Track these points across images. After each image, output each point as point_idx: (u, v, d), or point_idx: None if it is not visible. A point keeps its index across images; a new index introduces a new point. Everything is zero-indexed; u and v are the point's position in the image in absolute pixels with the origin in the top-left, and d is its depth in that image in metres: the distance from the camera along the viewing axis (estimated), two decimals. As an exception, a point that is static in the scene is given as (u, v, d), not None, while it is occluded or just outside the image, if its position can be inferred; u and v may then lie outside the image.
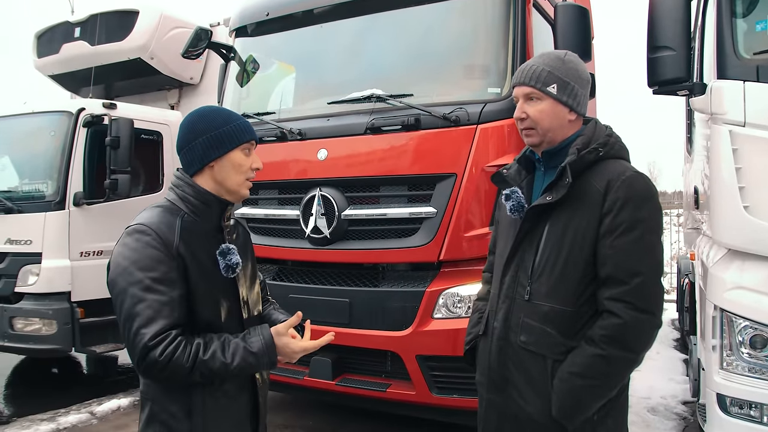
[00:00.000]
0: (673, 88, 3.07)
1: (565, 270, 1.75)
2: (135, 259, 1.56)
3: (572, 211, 1.75)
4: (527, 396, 1.80)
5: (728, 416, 2.83)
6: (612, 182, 1.71)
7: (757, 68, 2.77)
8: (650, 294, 1.69)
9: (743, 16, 2.92)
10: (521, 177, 1.95)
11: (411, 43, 3.88)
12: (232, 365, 1.59)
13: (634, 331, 1.67)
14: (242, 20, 4.48)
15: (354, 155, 3.70)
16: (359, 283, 3.71)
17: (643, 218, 1.70)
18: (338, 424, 4.44)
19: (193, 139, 1.69)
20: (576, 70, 1.83)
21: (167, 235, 1.60)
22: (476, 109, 3.41)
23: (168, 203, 1.71)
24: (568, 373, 1.71)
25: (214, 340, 1.61)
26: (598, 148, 1.77)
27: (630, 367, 1.73)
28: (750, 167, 2.75)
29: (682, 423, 4.43)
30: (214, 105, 1.82)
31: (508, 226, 1.95)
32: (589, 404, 1.71)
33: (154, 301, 1.53)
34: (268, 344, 1.65)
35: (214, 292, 1.68)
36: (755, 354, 2.79)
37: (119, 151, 5.34)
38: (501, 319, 1.88)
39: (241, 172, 1.73)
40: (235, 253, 1.69)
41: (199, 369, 1.55)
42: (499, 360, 1.87)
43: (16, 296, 5.43)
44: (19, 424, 4.59)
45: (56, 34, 6.81)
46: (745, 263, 2.86)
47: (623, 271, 1.68)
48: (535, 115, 1.81)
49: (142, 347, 1.50)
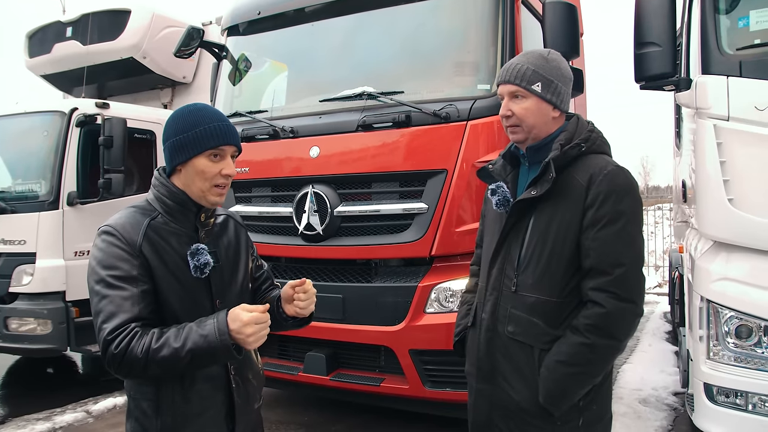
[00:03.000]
0: (660, 84, 3.13)
1: (550, 262, 1.80)
2: (100, 259, 1.60)
3: (556, 204, 1.80)
4: (515, 385, 1.85)
5: (715, 405, 2.88)
6: (594, 176, 1.76)
7: (740, 63, 2.82)
8: (632, 284, 1.74)
9: (726, 12, 2.97)
10: (506, 172, 2.00)
11: (401, 40, 3.91)
12: (182, 351, 1.50)
13: (616, 320, 1.72)
14: (234, 19, 4.50)
15: (346, 152, 3.73)
16: (352, 279, 3.74)
17: (625, 211, 1.75)
18: (333, 419, 4.47)
19: (165, 141, 1.70)
20: (559, 69, 1.87)
21: (131, 234, 1.61)
22: (466, 105, 3.45)
23: (145, 203, 1.73)
24: (555, 361, 1.76)
25: (171, 329, 1.56)
26: (581, 143, 1.82)
27: (613, 354, 1.79)
28: (734, 160, 2.80)
29: (672, 414, 4.49)
30: (199, 104, 1.78)
31: (495, 220, 1.99)
32: (575, 391, 1.76)
33: (115, 296, 1.56)
34: (220, 325, 1.52)
35: (184, 289, 1.66)
36: (741, 344, 2.84)
37: (112, 150, 5.35)
38: (489, 311, 1.92)
39: (205, 179, 1.67)
40: (204, 253, 1.67)
41: (153, 359, 1.50)
42: (487, 350, 1.92)
43: (10, 296, 5.44)
44: (15, 423, 4.59)
45: (48, 33, 6.80)
46: (730, 255, 2.91)
47: (606, 262, 1.73)
48: (521, 113, 1.85)
49: (102, 342, 1.54)
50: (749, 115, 2.75)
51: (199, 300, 1.70)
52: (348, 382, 3.69)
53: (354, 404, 4.39)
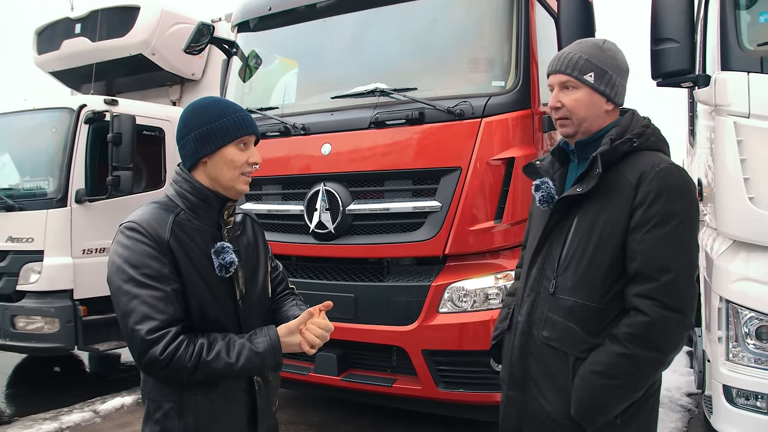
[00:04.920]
0: (677, 80, 3.08)
1: (591, 263, 1.69)
2: (126, 257, 1.55)
3: (602, 203, 1.69)
4: (547, 394, 1.75)
5: (735, 407, 2.84)
6: (645, 174, 1.64)
7: (761, 59, 2.78)
8: (681, 292, 1.61)
9: (746, 7, 2.93)
10: (554, 169, 1.90)
11: (414, 36, 3.87)
12: (236, 366, 1.56)
13: (661, 331, 1.60)
14: (244, 15, 4.47)
15: (358, 150, 3.69)
16: (364, 278, 3.71)
17: (677, 212, 1.62)
18: (343, 419, 4.44)
19: (187, 134, 1.66)
20: (614, 59, 1.77)
21: (158, 231, 1.57)
22: (480, 102, 3.40)
23: (166, 199, 1.69)
24: (590, 371, 1.65)
25: (218, 340, 1.58)
26: (633, 138, 1.70)
27: (656, 368, 1.66)
28: (755, 158, 2.76)
29: (687, 415, 4.44)
30: (213, 96, 1.77)
31: (539, 218, 1.89)
32: (611, 406, 1.65)
33: (148, 296, 1.52)
34: (273, 344, 1.60)
35: (208, 289, 1.64)
36: (761, 345, 2.80)
37: (121, 147, 5.33)
38: (525, 313, 1.83)
39: (234, 168, 1.67)
40: (230, 252, 1.65)
41: (203, 369, 1.53)
42: (521, 355, 1.83)
43: (17, 294, 5.42)
44: (22, 423, 4.57)
45: (57, 30, 6.80)
46: (750, 254, 2.87)
47: (653, 267, 1.60)
48: (571, 105, 1.75)
49: (141, 342, 1.50)
50: (771, 112, 2.71)
51: (221, 299, 1.67)
52: (359, 382, 3.65)
53: (364, 405, 4.36)
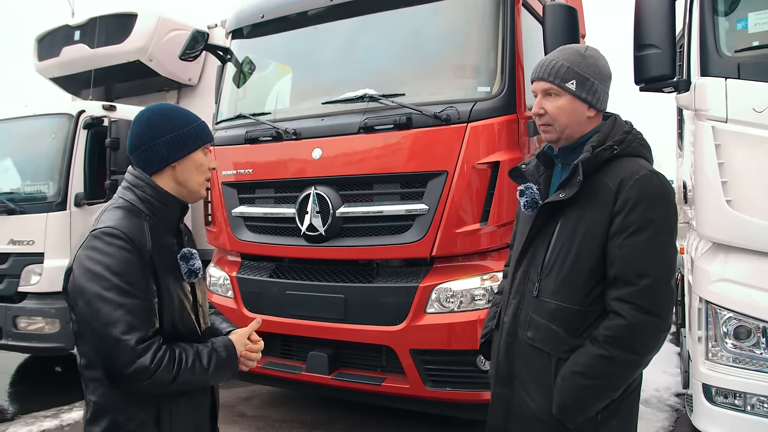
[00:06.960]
0: (659, 86, 3.14)
1: (573, 268, 1.73)
2: (108, 264, 1.49)
3: (584, 209, 1.73)
4: (531, 392, 1.81)
5: (713, 405, 2.90)
6: (625, 181, 1.68)
7: (738, 65, 2.83)
8: (658, 296, 1.65)
9: (725, 14, 2.98)
10: (539, 173, 1.93)
11: (403, 43, 3.94)
12: (208, 373, 1.59)
13: (639, 334, 1.64)
14: (238, 22, 4.55)
15: (348, 154, 3.76)
16: (354, 280, 3.77)
17: (655, 219, 1.66)
18: (336, 418, 4.51)
19: (155, 138, 1.62)
20: (596, 66, 1.79)
21: (140, 239, 1.53)
22: (466, 107, 3.47)
23: (127, 204, 1.62)
24: (571, 371, 1.70)
25: (189, 349, 1.58)
26: (614, 145, 1.73)
27: (634, 369, 1.72)
28: (732, 162, 2.81)
29: (674, 414, 4.49)
30: (167, 103, 1.82)
31: (525, 221, 1.94)
32: (590, 404, 1.70)
33: (132, 305, 1.48)
34: (230, 352, 1.66)
35: (177, 296, 1.63)
36: (739, 345, 2.86)
37: (119, 152, 5.44)
38: (510, 315, 1.88)
39: (202, 172, 1.71)
40: (197, 257, 1.66)
41: (182, 378, 1.52)
42: (506, 355, 1.88)
43: (19, 296, 5.53)
44: (24, 420, 4.68)
45: (56, 37, 6.87)
46: (729, 256, 2.92)
47: (631, 272, 1.65)
48: (553, 111, 1.78)
49: (130, 352, 1.44)
50: (747, 117, 2.77)
51: (185, 307, 1.67)
52: (349, 381, 3.72)
53: (356, 403, 4.43)
